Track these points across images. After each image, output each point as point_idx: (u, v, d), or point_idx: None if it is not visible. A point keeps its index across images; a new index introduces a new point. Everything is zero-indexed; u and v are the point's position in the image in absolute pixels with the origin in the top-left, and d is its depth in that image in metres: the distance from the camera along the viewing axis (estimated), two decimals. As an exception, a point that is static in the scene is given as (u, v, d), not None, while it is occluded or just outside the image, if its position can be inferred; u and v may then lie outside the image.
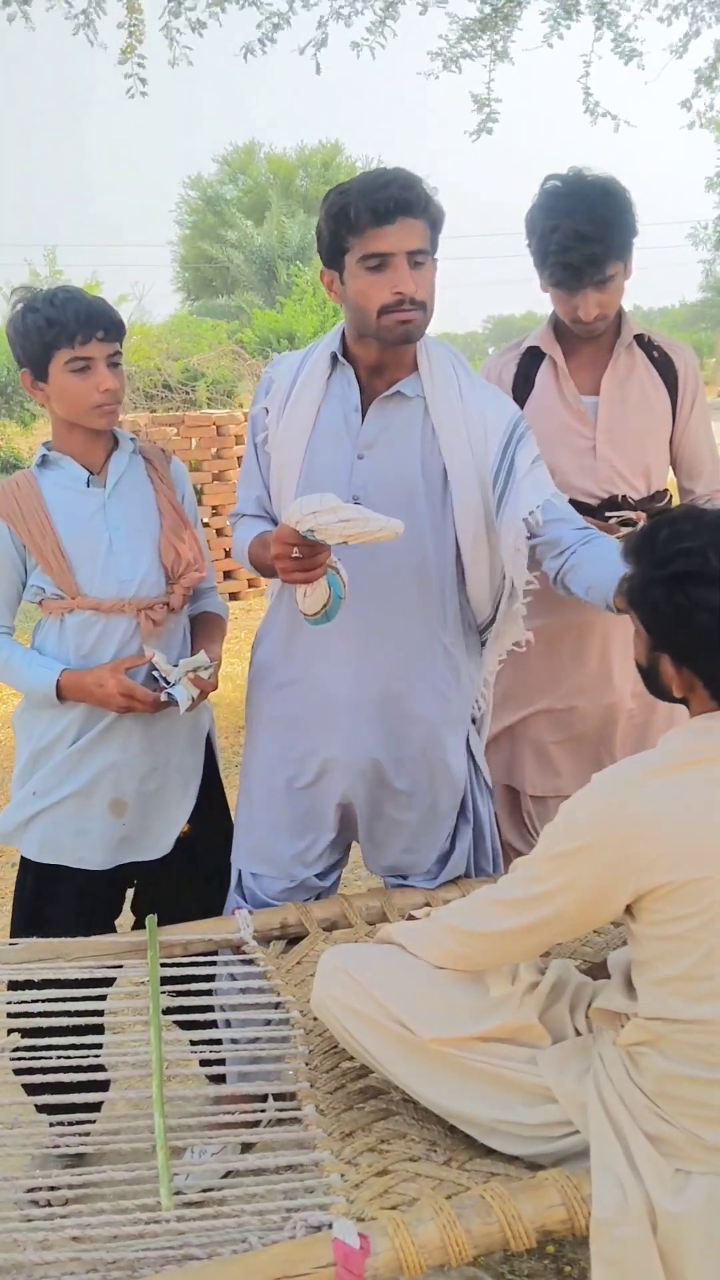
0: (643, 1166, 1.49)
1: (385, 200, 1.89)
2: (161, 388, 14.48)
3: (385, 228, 1.91)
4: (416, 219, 1.93)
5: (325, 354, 2.10)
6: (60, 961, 2.06)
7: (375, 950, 1.85)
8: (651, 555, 1.52)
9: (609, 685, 2.52)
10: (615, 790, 1.52)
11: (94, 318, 2.04)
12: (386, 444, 2.08)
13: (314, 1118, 1.73)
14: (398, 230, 1.91)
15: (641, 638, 1.59)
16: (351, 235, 1.94)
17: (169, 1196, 1.55)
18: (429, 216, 1.95)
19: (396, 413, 2.08)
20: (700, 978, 1.49)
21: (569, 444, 2.46)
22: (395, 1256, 1.39)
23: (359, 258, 1.94)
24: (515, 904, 1.60)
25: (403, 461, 2.07)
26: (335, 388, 2.10)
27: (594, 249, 2.25)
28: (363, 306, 1.98)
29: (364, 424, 2.08)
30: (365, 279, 1.95)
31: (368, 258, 1.93)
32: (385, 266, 1.93)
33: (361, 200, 1.90)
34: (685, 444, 2.53)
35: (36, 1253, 1.44)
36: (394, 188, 1.90)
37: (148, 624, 2.14)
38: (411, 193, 1.92)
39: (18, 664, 2.16)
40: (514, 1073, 1.65)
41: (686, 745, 1.53)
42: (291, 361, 2.17)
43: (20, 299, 2.11)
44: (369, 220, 1.91)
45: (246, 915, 2.20)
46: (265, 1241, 1.44)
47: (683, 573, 1.47)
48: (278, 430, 2.13)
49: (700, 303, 40.39)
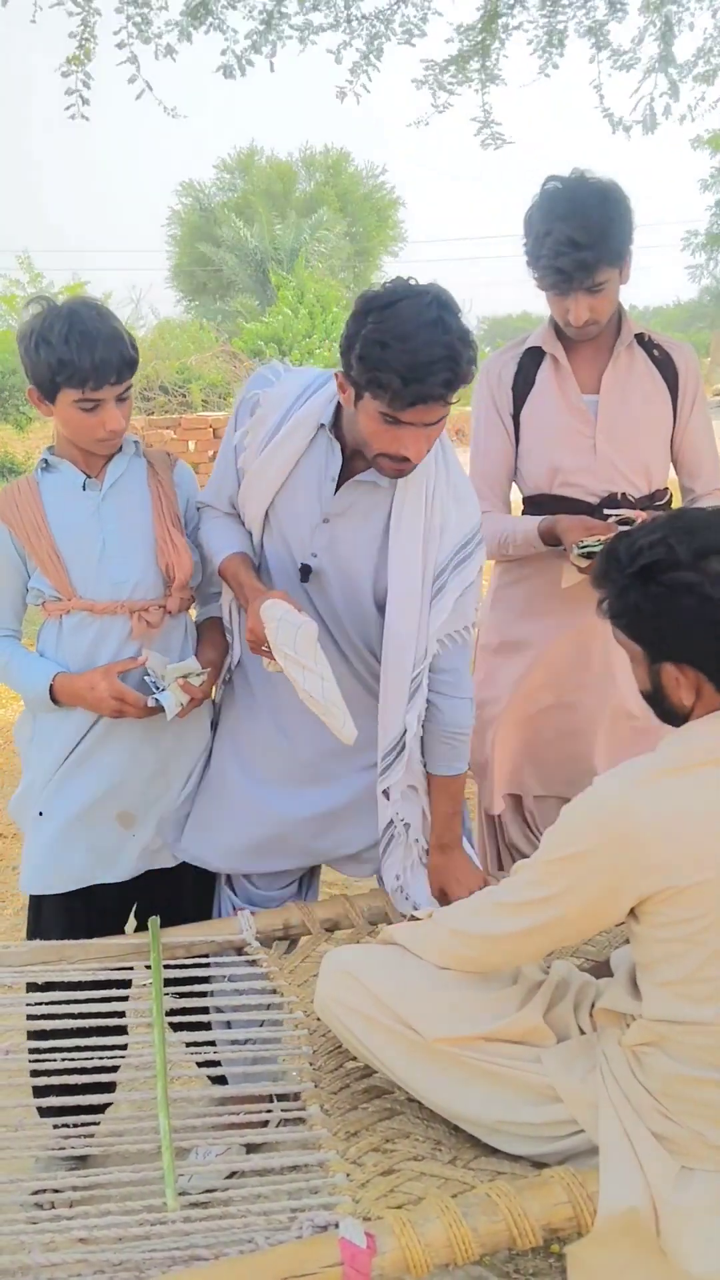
0: (648, 1164, 1.49)
1: (424, 389, 1.78)
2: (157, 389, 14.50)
3: (416, 407, 1.82)
4: (445, 403, 1.84)
5: (314, 418, 2.06)
6: (63, 964, 2.06)
7: (378, 951, 1.85)
8: (617, 565, 1.54)
9: (612, 684, 2.52)
10: (617, 794, 1.51)
11: (106, 364, 1.99)
12: (351, 519, 2.08)
13: (319, 1118, 1.73)
14: (425, 410, 1.84)
15: (640, 660, 1.59)
16: (385, 392, 1.81)
17: (174, 1197, 1.55)
18: (452, 396, 1.85)
19: (368, 496, 2.07)
20: (705, 980, 1.49)
21: (569, 442, 2.47)
22: (402, 1255, 1.39)
23: (380, 410, 1.85)
24: (518, 906, 1.60)
25: (362, 542, 2.08)
26: (318, 450, 2.08)
27: (585, 255, 2.25)
28: (366, 440, 1.94)
29: (336, 495, 2.08)
30: (378, 426, 1.88)
31: (388, 417, 1.85)
32: (401, 427, 1.86)
33: (397, 380, 1.78)
34: (685, 443, 2.54)
35: (43, 1254, 1.44)
36: (437, 384, 1.78)
37: (141, 626, 2.13)
38: (452, 386, 1.81)
39: (16, 667, 2.17)
40: (518, 1072, 1.65)
41: (688, 748, 1.53)
42: (283, 394, 2.10)
43: (35, 314, 2.05)
44: (399, 402, 1.81)
45: (249, 916, 2.20)
46: (272, 1242, 1.45)
47: (650, 564, 1.49)
48: (254, 463, 2.12)
49: (696, 302, 40.44)
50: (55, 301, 2.07)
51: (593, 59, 5.28)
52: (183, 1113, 1.80)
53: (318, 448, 2.08)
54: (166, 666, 2.13)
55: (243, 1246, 1.45)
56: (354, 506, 2.08)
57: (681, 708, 1.57)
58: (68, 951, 2.09)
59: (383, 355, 1.78)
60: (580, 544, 2.28)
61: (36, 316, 2.04)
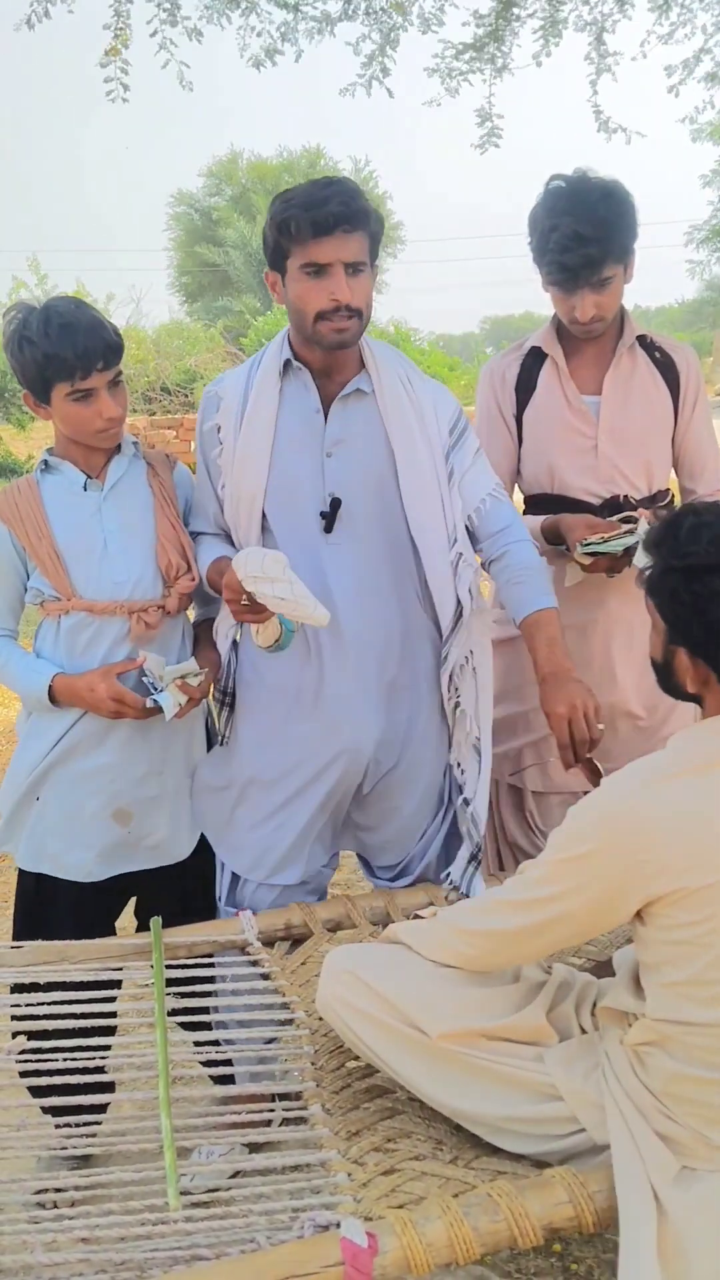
0: (651, 1164, 1.49)
1: (325, 215, 1.95)
2: (159, 390, 14.50)
3: (324, 239, 1.97)
4: (355, 231, 1.99)
5: (275, 362, 2.15)
6: (65, 964, 2.06)
7: (380, 949, 1.85)
8: (673, 545, 1.53)
9: (613, 684, 2.52)
10: (624, 795, 1.51)
11: (91, 351, 2.02)
12: (353, 441, 2.14)
13: (320, 1117, 1.73)
14: (336, 242, 1.97)
15: (658, 630, 1.59)
16: (293, 244, 2.00)
17: (176, 1197, 1.56)
18: (368, 228, 2.01)
19: (358, 409, 2.15)
20: (710, 982, 1.49)
21: (571, 443, 2.47)
22: (403, 1255, 1.40)
23: (299, 265, 2.00)
24: (524, 905, 1.60)
25: (372, 457, 2.15)
26: (291, 392, 2.15)
27: (591, 250, 2.26)
28: (301, 310, 2.04)
29: (328, 424, 2.14)
30: (304, 284, 2.02)
31: (307, 265, 2.00)
32: (323, 274, 2.00)
33: (303, 213, 1.96)
34: (687, 444, 2.54)
35: (45, 1254, 1.44)
36: (334, 203, 1.96)
37: (140, 626, 2.14)
38: (351, 206, 1.97)
39: (14, 667, 2.17)
40: (520, 1071, 1.65)
41: (696, 748, 1.53)
42: (238, 375, 2.21)
43: (14, 320, 2.07)
44: (309, 232, 1.96)
45: (250, 916, 2.20)
46: (273, 1241, 1.45)
47: (703, 564, 1.49)
48: (237, 443, 2.16)
49: (699, 301, 40.42)
50: (31, 305, 2.09)
51: (587, 55, 5.29)
52: (185, 1112, 1.81)
53: (291, 389, 2.15)
54: (164, 667, 2.13)
55: (244, 1246, 1.45)
56: (350, 427, 2.14)
57: (683, 690, 1.58)
58: (69, 951, 2.09)
59: (284, 205, 2.00)
60: (584, 542, 2.28)
61: (15, 320, 2.07)
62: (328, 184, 2.01)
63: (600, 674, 2.53)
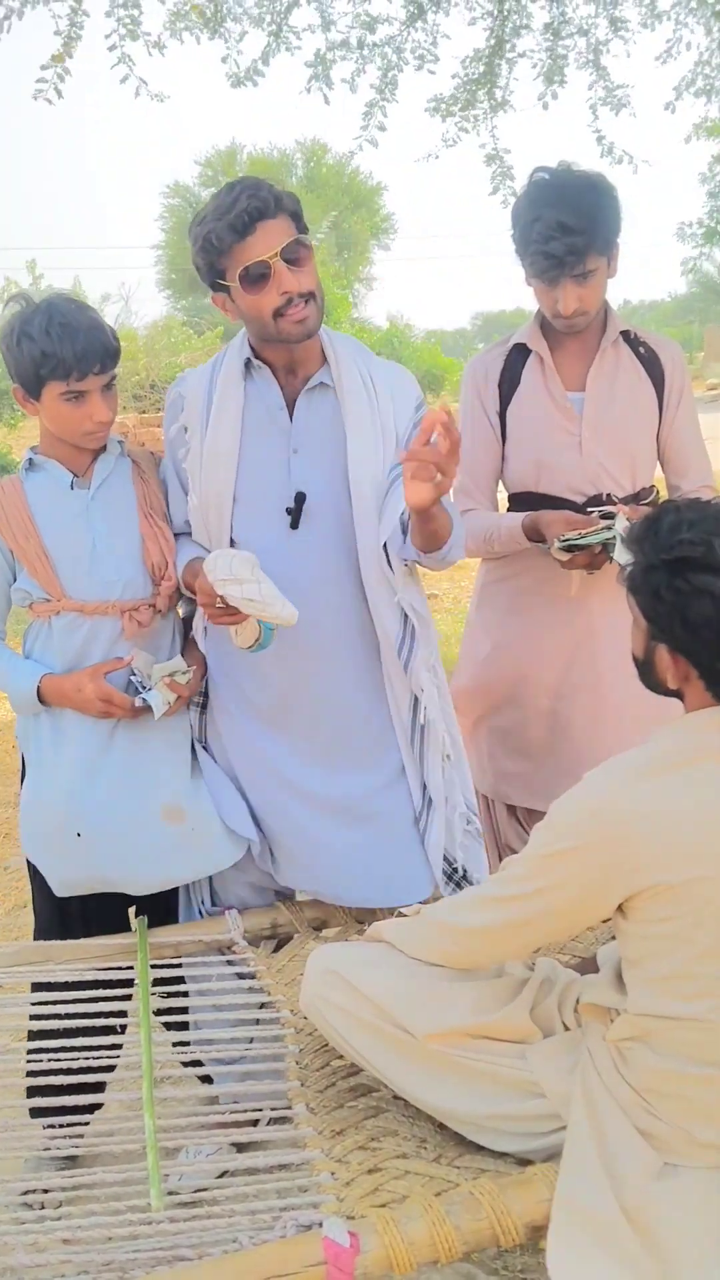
0: (627, 1160, 1.49)
1: (239, 215, 1.95)
2: (148, 388, 14.47)
3: (248, 238, 1.96)
4: (273, 218, 1.98)
5: (237, 361, 2.14)
6: (49, 964, 2.06)
7: (363, 948, 1.85)
8: (655, 541, 1.53)
9: (600, 684, 2.51)
10: (605, 790, 1.51)
11: (90, 353, 2.02)
12: (318, 437, 2.13)
13: (305, 1116, 1.73)
14: (260, 236, 1.96)
15: (640, 627, 1.59)
16: (222, 257, 1.99)
17: (159, 1198, 1.56)
18: (285, 209, 2.00)
19: (322, 404, 2.13)
20: (693, 976, 1.49)
21: (555, 440, 2.46)
22: (385, 1254, 1.40)
23: (238, 274, 1.99)
24: (506, 901, 1.60)
25: (336, 452, 2.12)
26: (254, 390, 2.14)
27: (575, 240, 2.24)
28: (257, 317, 2.03)
29: (294, 420, 2.13)
30: (250, 291, 2.00)
31: (244, 272, 1.98)
32: (264, 274, 1.98)
33: (218, 223, 1.97)
34: (672, 440, 2.53)
35: (27, 1255, 1.44)
36: (243, 200, 1.96)
37: (131, 625, 2.13)
38: (259, 198, 1.97)
39: (2, 669, 2.16)
40: (503, 1068, 1.65)
41: (676, 744, 1.53)
42: (200, 376, 2.20)
43: (14, 312, 2.06)
44: (231, 237, 1.96)
45: (236, 916, 2.20)
46: (256, 1241, 1.45)
47: (685, 559, 1.49)
48: (204, 443, 2.15)
49: (688, 296, 40.41)
50: (33, 298, 2.08)
51: (591, 85, 5.30)
52: (171, 1112, 1.81)
53: (254, 388, 2.14)
54: (153, 666, 2.13)
55: (227, 1246, 1.45)
56: (314, 423, 2.12)
57: (664, 686, 1.58)
58: (55, 951, 2.09)
59: (199, 225, 2.01)
60: (562, 538, 2.28)
61: (15, 314, 2.06)
62: (230, 189, 2.01)
63: (587, 674, 2.53)
